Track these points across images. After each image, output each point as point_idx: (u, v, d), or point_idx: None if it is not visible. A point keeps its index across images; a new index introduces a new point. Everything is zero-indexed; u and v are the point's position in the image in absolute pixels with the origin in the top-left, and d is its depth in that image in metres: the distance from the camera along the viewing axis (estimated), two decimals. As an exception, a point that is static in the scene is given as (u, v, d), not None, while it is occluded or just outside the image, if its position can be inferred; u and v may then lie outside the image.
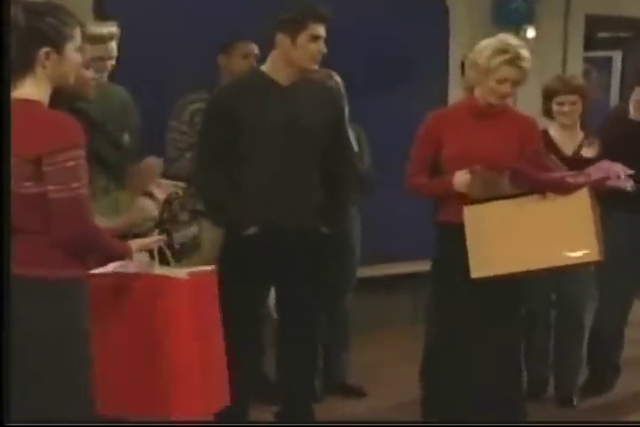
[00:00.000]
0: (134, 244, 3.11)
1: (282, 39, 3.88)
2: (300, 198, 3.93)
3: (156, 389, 3.16)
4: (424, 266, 4.35)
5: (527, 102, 5.22)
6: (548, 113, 4.77)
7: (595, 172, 3.83)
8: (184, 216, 3.89)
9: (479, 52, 3.93)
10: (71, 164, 2.72)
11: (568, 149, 4.72)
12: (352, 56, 5.53)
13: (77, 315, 2.82)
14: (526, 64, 3.89)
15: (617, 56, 8.10)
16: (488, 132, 3.97)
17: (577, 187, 3.74)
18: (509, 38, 3.98)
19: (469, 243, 3.81)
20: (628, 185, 3.86)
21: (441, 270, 4.05)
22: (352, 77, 4.79)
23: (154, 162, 3.68)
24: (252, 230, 3.90)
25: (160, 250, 3.32)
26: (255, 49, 4.64)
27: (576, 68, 6.73)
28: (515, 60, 3.87)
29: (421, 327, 4.48)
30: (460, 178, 3.86)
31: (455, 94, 5.75)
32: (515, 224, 3.79)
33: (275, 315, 4.24)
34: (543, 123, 4.63)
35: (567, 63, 6.76)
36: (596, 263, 3.90)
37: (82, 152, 2.75)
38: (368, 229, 5.01)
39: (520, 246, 3.75)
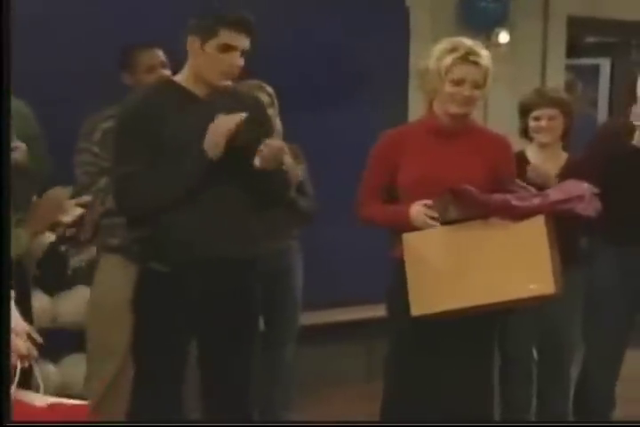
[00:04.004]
0: None
1: (191, 43, 3.61)
2: (227, 227, 3.65)
3: None
4: (379, 311, 4.16)
5: (500, 119, 5.15)
6: (524, 132, 4.57)
7: (554, 193, 3.69)
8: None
9: (429, 57, 3.80)
10: None
11: None
12: (295, 66, 5.41)
13: None
14: (483, 60, 3.74)
15: (605, 64, 8.01)
16: (452, 154, 3.79)
17: (529, 211, 3.60)
18: (462, 39, 3.85)
19: (409, 276, 3.71)
20: (592, 210, 3.67)
21: (397, 312, 3.82)
22: (292, 91, 4.62)
23: (60, 193, 3.50)
24: (170, 266, 3.60)
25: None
26: (160, 56, 4.35)
27: (557, 78, 6.63)
28: (467, 56, 3.73)
29: (377, 384, 4.13)
30: (416, 210, 3.70)
31: (417, 109, 5.53)
32: (458, 254, 3.67)
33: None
34: (519, 144, 4.46)
35: (547, 72, 6.63)
36: (550, 297, 3.68)
37: None
38: (312, 268, 4.76)
39: (463, 280, 3.64)
